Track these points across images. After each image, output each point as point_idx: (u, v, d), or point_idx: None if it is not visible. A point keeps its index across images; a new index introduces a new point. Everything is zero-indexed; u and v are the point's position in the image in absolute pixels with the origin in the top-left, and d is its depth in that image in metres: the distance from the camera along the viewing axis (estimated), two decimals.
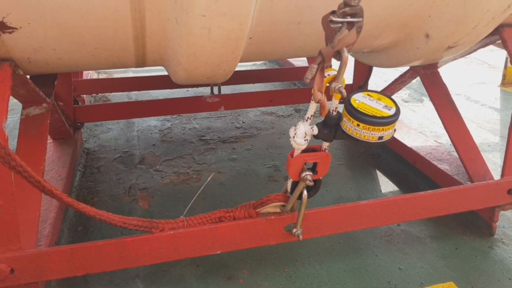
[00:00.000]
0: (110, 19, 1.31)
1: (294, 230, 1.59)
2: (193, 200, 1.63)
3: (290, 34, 1.58)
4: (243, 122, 3.17)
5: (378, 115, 1.34)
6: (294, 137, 1.39)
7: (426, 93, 3.69)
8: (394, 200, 1.72)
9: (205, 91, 3.27)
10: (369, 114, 1.34)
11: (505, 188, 1.83)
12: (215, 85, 2.98)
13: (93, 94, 3.55)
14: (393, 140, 2.52)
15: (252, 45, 1.59)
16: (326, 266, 1.77)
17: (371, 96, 1.42)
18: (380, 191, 2.31)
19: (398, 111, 1.37)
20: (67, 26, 1.29)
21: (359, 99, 1.40)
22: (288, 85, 4.02)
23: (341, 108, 1.36)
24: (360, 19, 1.22)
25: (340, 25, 1.20)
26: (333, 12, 1.20)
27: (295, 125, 1.40)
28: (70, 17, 1.26)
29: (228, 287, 1.66)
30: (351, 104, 1.36)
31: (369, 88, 3.09)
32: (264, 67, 4.54)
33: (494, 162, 2.58)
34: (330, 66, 1.30)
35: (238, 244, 1.59)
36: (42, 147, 1.81)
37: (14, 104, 1.82)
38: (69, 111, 2.63)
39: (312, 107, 1.36)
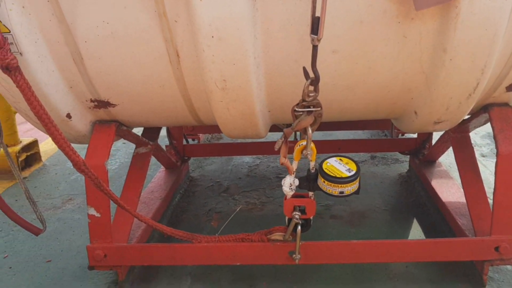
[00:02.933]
0: (172, 102, 2.04)
1: (294, 256, 2.12)
2: (224, 225, 2.27)
3: None
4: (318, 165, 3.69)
5: (338, 176, 1.83)
6: (283, 185, 1.95)
7: None
8: (382, 243, 2.13)
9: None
10: (331, 174, 1.83)
11: (492, 245, 2.08)
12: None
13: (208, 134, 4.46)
14: (435, 193, 2.82)
15: (273, 115, 2.18)
16: None
17: (341, 160, 1.91)
18: (406, 238, 2.64)
19: (356, 174, 1.84)
20: (146, 106, 2.07)
21: (330, 162, 1.90)
22: (377, 133, 4.41)
23: None
24: (318, 108, 1.76)
25: (301, 113, 1.76)
26: (297, 104, 1.76)
27: (285, 177, 1.96)
28: (147, 101, 2.03)
29: None
30: (321, 166, 1.88)
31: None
32: None
33: None
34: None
35: (252, 259, 2.17)
36: (143, 176, 2.63)
37: None
38: (180, 148, 3.51)
39: (295, 165, 1.91)
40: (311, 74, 1.70)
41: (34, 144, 4.01)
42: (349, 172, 1.85)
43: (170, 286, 2.30)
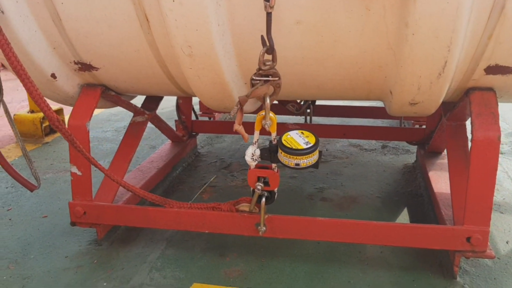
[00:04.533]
0: (150, 67, 2.11)
1: (259, 228, 2.13)
2: (195, 196, 2.31)
3: None
4: (326, 150, 3.65)
5: (294, 148, 1.82)
6: (245, 156, 1.97)
7: None
8: (348, 222, 2.09)
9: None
10: (288, 146, 1.83)
11: (463, 235, 1.98)
12: (308, 115, 3.58)
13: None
14: (430, 184, 2.72)
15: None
16: (294, 266, 2.21)
17: (302, 134, 1.89)
18: None
19: (312, 147, 1.82)
20: (125, 71, 2.15)
21: (291, 135, 1.89)
22: (396, 123, 4.28)
23: None
24: (276, 78, 1.75)
25: (258, 82, 1.76)
26: (255, 73, 1.76)
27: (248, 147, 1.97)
28: (125, 65, 2.11)
29: (215, 260, 2.28)
30: (281, 137, 1.87)
31: None
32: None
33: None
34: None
35: (220, 228, 2.20)
36: (135, 144, 2.73)
37: None
38: (188, 123, 3.59)
39: (256, 135, 1.92)
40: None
41: (59, 112, 4.24)
42: (307, 144, 1.83)
43: (145, 248, 2.38)
